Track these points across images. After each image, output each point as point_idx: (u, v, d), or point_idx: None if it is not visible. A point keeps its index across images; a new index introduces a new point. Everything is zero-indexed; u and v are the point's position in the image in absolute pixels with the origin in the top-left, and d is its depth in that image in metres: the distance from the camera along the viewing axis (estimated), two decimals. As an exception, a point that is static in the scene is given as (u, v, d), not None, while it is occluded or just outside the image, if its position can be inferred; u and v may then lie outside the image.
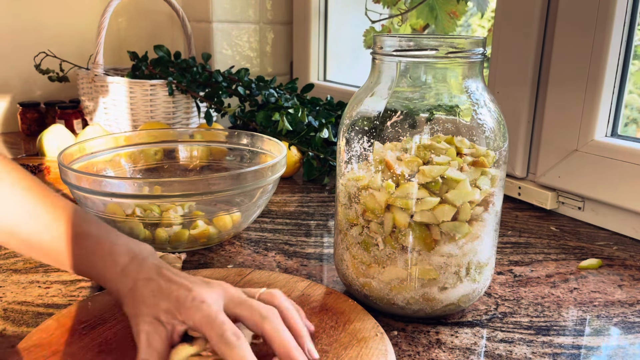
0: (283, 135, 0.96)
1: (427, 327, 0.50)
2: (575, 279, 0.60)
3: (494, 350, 0.47)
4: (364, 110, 0.50)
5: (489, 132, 0.48)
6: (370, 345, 0.44)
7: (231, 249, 0.66)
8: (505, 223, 0.75)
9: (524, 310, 0.53)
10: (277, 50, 1.37)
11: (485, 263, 0.50)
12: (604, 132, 0.73)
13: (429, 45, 0.46)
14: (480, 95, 0.48)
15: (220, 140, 0.82)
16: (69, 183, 0.61)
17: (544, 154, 0.79)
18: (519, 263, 0.63)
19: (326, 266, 0.62)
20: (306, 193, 0.87)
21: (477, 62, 0.48)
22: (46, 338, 0.44)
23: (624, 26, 0.69)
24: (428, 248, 0.47)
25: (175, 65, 1.14)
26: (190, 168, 0.84)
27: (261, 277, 0.55)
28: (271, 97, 1.05)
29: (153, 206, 0.66)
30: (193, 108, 1.16)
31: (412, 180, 0.46)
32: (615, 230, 0.73)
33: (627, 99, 0.73)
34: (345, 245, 0.52)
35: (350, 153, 0.50)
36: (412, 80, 0.48)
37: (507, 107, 0.81)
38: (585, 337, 0.49)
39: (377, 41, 0.49)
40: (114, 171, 0.76)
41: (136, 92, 1.09)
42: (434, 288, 0.48)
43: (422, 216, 0.46)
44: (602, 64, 0.70)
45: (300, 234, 0.71)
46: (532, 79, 0.78)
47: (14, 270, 0.60)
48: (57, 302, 0.53)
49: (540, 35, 0.77)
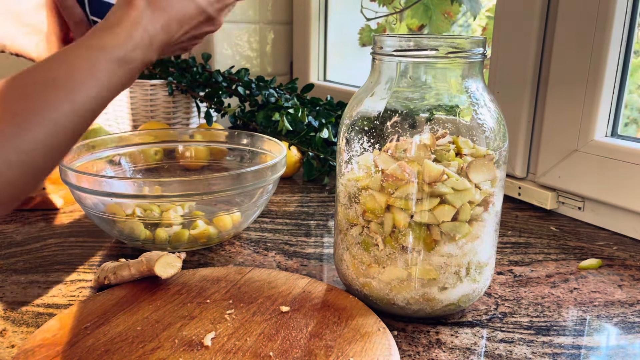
0: (283, 135, 0.96)
1: (427, 327, 0.50)
2: (575, 279, 0.60)
3: (494, 350, 0.47)
4: (364, 110, 0.50)
5: (489, 132, 0.48)
6: (373, 340, 0.44)
7: (231, 249, 0.66)
8: (505, 223, 0.75)
9: (524, 310, 0.53)
10: (277, 50, 1.37)
11: (485, 263, 0.50)
12: (604, 132, 0.73)
13: (429, 45, 0.46)
14: (480, 95, 0.48)
15: (220, 140, 0.82)
16: (69, 183, 0.61)
17: (544, 154, 0.79)
18: (519, 263, 0.63)
19: (326, 266, 0.62)
20: (306, 193, 0.87)
21: (477, 62, 0.48)
22: (50, 338, 0.44)
23: (624, 26, 0.69)
24: (428, 248, 0.47)
25: (175, 65, 1.14)
26: (190, 168, 0.84)
27: (261, 275, 0.55)
28: (271, 97, 1.05)
29: (153, 206, 0.66)
30: (193, 108, 1.16)
31: (412, 180, 0.46)
32: (615, 230, 0.73)
33: (627, 99, 0.73)
34: (345, 245, 0.52)
35: (350, 153, 0.50)
36: (412, 80, 0.48)
37: (507, 107, 0.81)
38: (585, 337, 0.49)
39: (377, 41, 0.49)
40: (114, 171, 0.76)
41: (136, 92, 1.09)
42: (434, 288, 0.48)
43: (422, 216, 0.46)
44: (602, 64, 0.70)
45: (300, 234, 0.71)
46: (532, 79, 0.78)
47: (14, 270, 0.60)
48: (57, 302, 0.53)
49: (540, 35, 0.77)
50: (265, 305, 0.50)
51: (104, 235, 0.69)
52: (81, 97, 0.38)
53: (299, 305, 0.50)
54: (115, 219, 0.63)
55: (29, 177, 0.36)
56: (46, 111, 0.36)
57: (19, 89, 0.37)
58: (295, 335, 0.45)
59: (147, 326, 0.46)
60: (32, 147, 0.35)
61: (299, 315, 0.48)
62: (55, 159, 0.38)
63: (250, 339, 0.44)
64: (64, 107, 0.37)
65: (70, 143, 0.39)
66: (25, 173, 0.36)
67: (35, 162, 0.36)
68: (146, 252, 0.55)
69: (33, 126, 0.36)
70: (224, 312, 0.48)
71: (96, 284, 0.55)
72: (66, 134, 0.38)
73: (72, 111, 0.38)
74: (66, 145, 0.38)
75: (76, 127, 0.38)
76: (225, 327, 0.46)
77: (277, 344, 0.44)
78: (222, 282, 0.54)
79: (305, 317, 0.48)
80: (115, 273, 0.53)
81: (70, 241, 0.67)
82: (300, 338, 0.45)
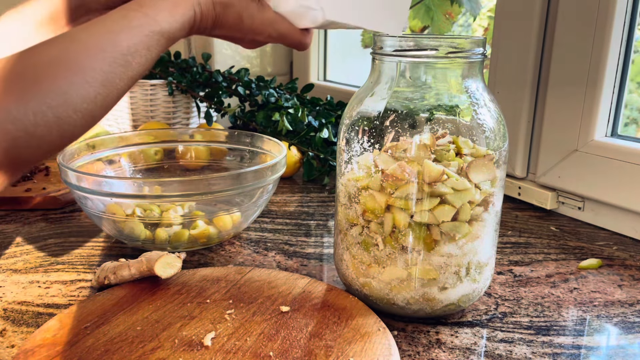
0: (283, 135, 0.96)
1: (427, 327, 0.50)
2: (575, 279, 0.60)
3: (494, 350, 0.47)
4: (364, 110, 0.50)
5: (489, 132, 0.48)
6: (373, 340, 0.44)
7: (231, 249, 0.66)
8: (505, 223, 0.75)
9: (524, 310, 0.53)
10: (277, 50, 1.37)
11: (485, 263, 0.50)
12: (604, 132, 0.73)
13: (429, 45, 0.46)
14: (480, 95, 0.48)
15: (220, 140, 0.82)
16: (69, 183, 0.61)
17: (544, 154, 0.79)
18: (519, 263, 0.63)
19: (326, 266, 0.62)
20: (306, 193, 0.87)
21: (477, 62, 0.48)
22: (50, 338, 0.44)
23: (624, 26, 0.69)
24: (428, 248, 0.47)
25: (175, 65, 1.14)
26: (190, 168, 0.84)
27: (261, 275, 0.55)
28: (271, 97, 1.05)
29: (153, 206, 0.66)
30: (193, 108, 1.16)
31: (412, 180, 0.46)
32: (615, 230, 0.73)
33: (627, 99, 0.73)
34: (345, 245, 0.52)
35: (350, 153, 0.50)
36: (412, 80, 0.48)
37: (507, 107, 0.81)
38: (585, 337, 0.49)
39: (377, 41, 0.49)
40: (114, 171, 0.76)
41: (136, 92, 1.09)
42: (434, 288, 0.48)
43: (422, 216, 0.46)
44: (602, 64, 0.70)
45: (300, 234, 0.71)
46: (532, 79, 0.78)
47: (14, 270, 0.60)
48: (57, 302, 0.53)
49: (540, 35, 0.77)
50: (265, 305, 0.50)
51: (104, 235, 0.69)
52: (135, 64, 0.39)
53: (299, 305, 0.50)
54: (115, 219, 0.63)
55: (87, 126, 0.38)
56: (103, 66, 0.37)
57: (82, 41, 0.37)
58: (295, 335, 0.45)
59: (147, 326, 0.46)
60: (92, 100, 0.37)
61: (299, 315, 0.48)
62: (95, 121, 0.39)
63: (250, 339, 0.44)
64: (118, 69, 0.38)
65: (113, 104, 0.39)
66: (87, 123, 0.37)
67: (95, 115, 0.37)
68: (146, 252, 0.55)
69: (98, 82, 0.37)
70: (224, 312, 0.48)
71: (96, 284, 0.55)
72: (119, 93, 0.39)
73: (125, 74, 0.39)
74: (115, 102, 0.39)
75: (126, 87, 0.39)
76: (225, 327, 0.46)
77: (277, 344, 0.44)
78: (222, 282, 0.54)
79: (305, 317, 0.48)
80: (115, 273, 0.53)
81: (70, 241, 0.67)
82: (300, 338, 0.45)
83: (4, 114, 0.33)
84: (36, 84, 0.35)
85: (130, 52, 0.39)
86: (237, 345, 0.44)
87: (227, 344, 0.44)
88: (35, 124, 0.34)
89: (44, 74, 0.35)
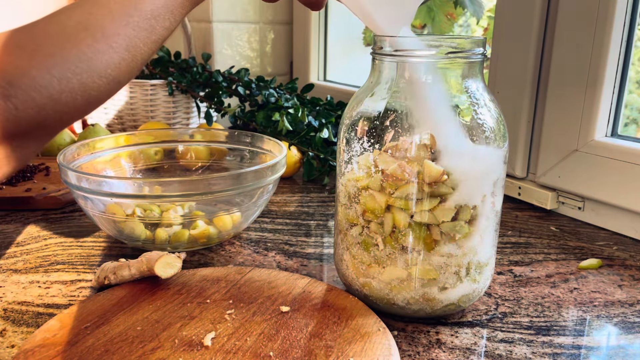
0: (283, 135, 0.96)
1: (427, 327, 0.50)
2: (575, 279, 0.60)
3: (494, 350, 0.47)
4: (364, 110, 0.50)
5: (489, 132, 0.48)
6: (373, 340, 0.44)
7: (231, 249, 0.66)
8: (505, 223, 0.75)
9: (524, 310, 0.53)
10: (277, 50, 1.37)
11: (486, 263, 0.50)
12: (604, 132, 0.73)
13: (429, 45, 0.46)
14: (480, 95, 0.48)
15: (220, 140, 0.82)
16: (69, 183, 0.61)
17: (544, 154, 0.79)
18: (519, 263, 0.63)
19: (326, 266, 0.62)
20: (306, 193, 0.87)
21: (477, 62, 0.48)
22: (50, 338, 0.44)
23: (624, 26, 0.69)
24: (428, 248, 0.47)
25: (175, 65, 1.14)
26: (190, 168, 0.84)
27: (261, 275, 0.55)
28: (271, 97, 1.05)
29: (153, 206, 0.66)
30: (193, 108, 1.16)
31: (412, 180, 0.46)
32: (615, 230, 0.73)
33: (627, 99, 0.73)
34: (345, 245, 0.52)
35: (350, 153, 0.50)
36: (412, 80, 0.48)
37: (507, 107, 0.81)
38: (585, 337, 0.49)
39: (377, 41, 0.49)
40: (114, 171, 0.76)
41: (136, 92, 1.09)
42: (434, 288, 0.48)
43: (422, 216, 0.46)
44: (602, 64, 0.70)
45: (300, 234, 0.71)
46: (532, 79, 0.78)
47: (14, 270, 0.60)
48: (57, 302, 0.53)
49: (540, 35, 0.77)
50: (265, 305, 0.50)
51: (104, 236, 0.69)
52: (159, 28, 0.39)
53: (299, 305, 0.50)
54: (115, 219, 0.63)
55: (113, 91, 0.38)
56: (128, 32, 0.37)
57: (105, 6, 0.37)
58: (295, 335, 0.45)
59: (147, 326, 0.46)
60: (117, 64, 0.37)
61: (299, 315, 0.48)
62: (119, 87, 0.39)
63: (250, 339, 0.44)
64: (142, 34, 0.38)
65: (135, 71, 0.39)
66: (112, 88, 0.37)
67: (120, 80, 0.37)
68: (146, 252, 0.55)
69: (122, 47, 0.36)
70: (224, 312, 0.48)
71: (96, 284, 0.55)
72: (143, 58, 0.38)
73: (149, 39, 0.38)
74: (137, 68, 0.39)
75: (151, 51, 0.39)
76: (225, 327, 0.46)
77: (277, 344, 0.44)
78: (222, 282, 0.54)
79: (305, 317, 0.48)
80: (115, 273, 0.53)
81: (70, 241, 0.67)
82: (300, 338, 0.45)
83: (29, 81, 0.33)
84: (60, 50, 0.34)
85: (154, 16, 0.38)
86: (237, 345, 0.44)
87: (227, 344, 0.44)
88: (60, 90, 0.34)
89: (68, 40, 0.35)
